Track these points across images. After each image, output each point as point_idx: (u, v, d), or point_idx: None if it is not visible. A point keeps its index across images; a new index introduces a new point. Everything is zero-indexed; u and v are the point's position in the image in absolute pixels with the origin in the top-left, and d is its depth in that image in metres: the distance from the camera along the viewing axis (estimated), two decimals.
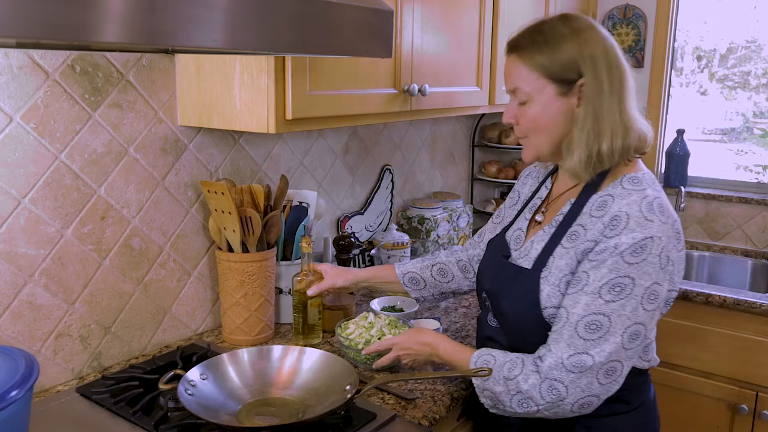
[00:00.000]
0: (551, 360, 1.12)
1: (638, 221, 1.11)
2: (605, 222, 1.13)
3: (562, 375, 1.11)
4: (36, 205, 1.33)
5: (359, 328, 1.52)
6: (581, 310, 1.11)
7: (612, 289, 1.10)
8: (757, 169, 2.87)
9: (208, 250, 1.70)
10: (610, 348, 1.10)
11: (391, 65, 1.65)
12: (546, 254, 1.21)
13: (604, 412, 1.19)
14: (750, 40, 2.82)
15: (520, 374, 1.15)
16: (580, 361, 1.10)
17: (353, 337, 1.49)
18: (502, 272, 1.30)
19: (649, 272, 1.10)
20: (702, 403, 2.27)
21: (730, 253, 2.72)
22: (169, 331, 1.64)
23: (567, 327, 1.13)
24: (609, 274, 1.10)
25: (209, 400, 1.24)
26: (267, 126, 1.39)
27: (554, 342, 1.14)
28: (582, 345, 1.11)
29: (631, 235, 1.10)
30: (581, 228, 1.17)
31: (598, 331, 1.10)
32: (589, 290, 1.12)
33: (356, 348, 1.46)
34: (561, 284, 1.17)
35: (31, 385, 0.98)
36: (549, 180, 1.38)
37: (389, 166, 2.33)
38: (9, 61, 1.26)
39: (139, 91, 1.49)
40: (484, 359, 1.22)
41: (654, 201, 1.14)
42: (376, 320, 1.55)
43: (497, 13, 2.06)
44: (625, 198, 1.14)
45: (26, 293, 1.34)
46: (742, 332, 2.17)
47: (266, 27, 0.95)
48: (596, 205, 1.17)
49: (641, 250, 1.09)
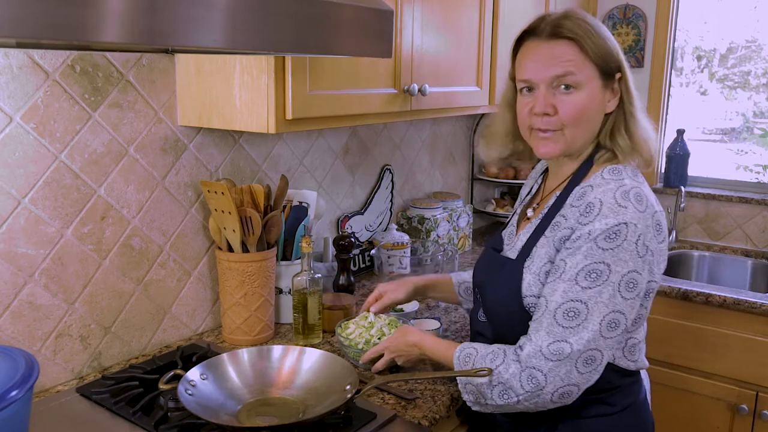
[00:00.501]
0: (530, 348, 1.12)
1: (611, 207, 1.11)
2: (581, 210, 1.14)
3: (541, 363, 1.11)
4: (36, 205, 1.33)
5: (359, 328, 1.51)
6: (559, 297, 1.12)
7: (588, 276, 1.10)
8: (757, 169, 2.87)
9: (208, 250, 1.70)
10: (588, 335, 1.10)
11: (391, 65, 1.65)
12: (530, 245, 1.22)
13: (587, 413, 1.20)
14: (750, 39, 2.82)
15: (501, 364, 1.15)
16: (559, 349, 1.10)
17: (353, 337, 1.49)
18: (491, 265, 1.32)
19: (625, 259, 1.10)
20: (702, 403, 2.27)
21: (730, 253, 2.72)
22: (169, 331, 1.64)
23: (546, 315, 1.13)
24: (584, 260, 1.11)
25: (209, 400, 1.24)
26: (267, 126, 1.39)
27: (534, 331, 1.14)
28: (561, 332, 1.11)
29: (604, 221, 1.10)
30: (562, 218, 1.18)
31: (576, 318, 1.10)
32: (566, 277, 1.12)
33: (356, 348, 1.46)
34: (541, 273, 1.18)
35: (31, 385, 0.98)
36: (541, 178, 1.39)
37: (389, 166, 2.33)
38: (9, 61, 1.26)
39: (139, 91, 1.49)
40: (466, 353, 1.22)
41: (631, 190, 1.14)
42: (376, 320, 1.53)
43: (497, 13, 2.06)
44: (602, 186, 1.15)
45: (26, 293, 1.34)
46: (742, 332, 2.17)
47: (266, 27, 0.95)
48: (577, 196, 1.18)
49: (615, 235, 1.09)
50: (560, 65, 1.16)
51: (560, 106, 1.17)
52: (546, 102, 1.18)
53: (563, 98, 1.17)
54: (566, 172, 1.26)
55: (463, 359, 1.22)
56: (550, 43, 1.17)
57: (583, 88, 1.16)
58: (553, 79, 1.17)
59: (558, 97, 1.17)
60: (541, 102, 1.18)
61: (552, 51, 1.17)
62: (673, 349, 2.30)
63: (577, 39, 1.15)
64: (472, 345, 1.24)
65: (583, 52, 1.15)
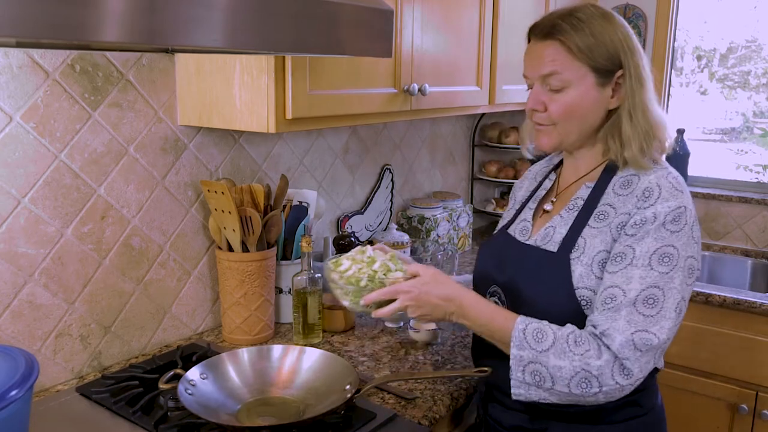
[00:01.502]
0: (621, 338, 1.06)
1: (670, 191, 1.12)
2: (637, 195, 1.14)
3: (631, 353, 1.06)
4: (36, 205, 1.33)
5: (356, 263, 1.23)
6: (637, 284, 1.08)
7: (661, 259, 1.09)
8: (757, 169, 2.87)
9: (208, 249, 1.70)
10: (669, 324, 1.07)
11: (391, 65, 1.65)
12: (573, 236, 1.18)
13: (619, 417, 1.17)
14: (750, 39, 2.82)
15: (590, 349, 1.07)
16: (647, 339, 1.06)
17: (351, 274, 1.20)
18: (521, 260, 1.25)
19: (687, 243, 1.10)
20: (702, 403, 2.27)
21: (730, 253, 2.72)
22: (169, 331, 1.64)
23: (625, 304, 1.07)
24: (655, 244, 1.09)
25: (209, 399, 1.24)
26: (267, 125, 1.39)
27: (610, 320, 1.08)
28: (642, 322, 1.07)
29: (666, 204, 1.11)
30: (609, 207, 1.17)
31: (655, 306, 1.07)
32: (640, 263, 1.09)
33: (357, 285, 1.18)
34: (594, 264, 1.14)
35: (31, 384, 0.98)
36: (553, 173, 1.37)
37: (389, 165, 2.33)
38: (9, 61, 1.26)
39: (139, 90, 1.49)
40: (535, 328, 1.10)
41: (678, 176, 1.18)
42: (376, 254, 1.25)
43: (497, 13, 2.06)
44: (651, 174, 1.16)
45: (26, 293, 1.34)
46: (742, 332, 2.17)
47: (266, 27, 0.95)
48: (619, 185, 1.19)
49: (679, 218, 1.10)
50: (543, 66, 1.18)
51: (549, 103, 1.19)
52: (536, 99, 1.21)
53: (553, 96, 1.19)
54: (585, 166, 1.26)
55: (532, 336, 1.10)
56: (540, 43, 1.20)
57: (572, 86, 1.17)
58: (542, 78, 1.19)
59: (548, 94, 1.20)
60: (531, 99, 1.22)
61: (540, 51, 1.19)
62: (673, 349, 2.29)
63: (564, 40, 1.16)
64: (540, 321, 1.12)
65: (570, 53, 1.16)
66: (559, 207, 1.28)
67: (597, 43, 1.16)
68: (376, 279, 1.18)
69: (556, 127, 1.21)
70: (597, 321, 1.10)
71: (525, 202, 1.38)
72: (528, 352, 1.09)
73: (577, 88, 1.17)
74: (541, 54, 1.19)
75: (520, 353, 1.09)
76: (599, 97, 1.19)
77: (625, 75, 1.18)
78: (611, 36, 1.17)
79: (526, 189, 1.43)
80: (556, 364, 1.07)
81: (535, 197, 1.36)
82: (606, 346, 1.07)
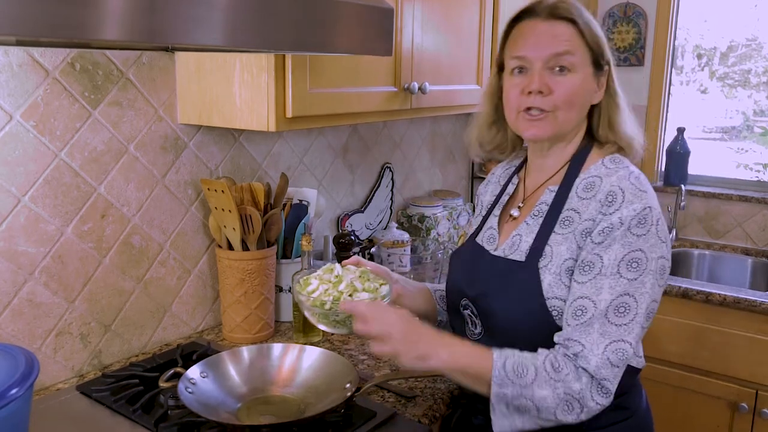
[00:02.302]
0: (596, 359, 1.04)
1: (633, 193, 1.10)
2: (600, 200, 1.11)
3: (608, 373, 1.04)
4: (36, 203, 1.33)
5: (323, 283, 1.22)
6: (607, 294, 1.06)
7: (630, 265, 1.06)
8: (757, 168, 2.87)
9: (208, 248, 1.70)
10: (639, 329, 1.06)
11: (391, 63, 1.65)
12: (540, 244, 1.16)
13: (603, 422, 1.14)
14: (750, 38, 2.82)
15: (569, 372, 1.04)
16: (622, 351, 1.04)
17: (317, 295, 1.19)
18: (490, 272, 1.21)
19: (655, 245, 1.08)
20: (702, 402, 2.27)
21: (730, 252, 2.72)
22: (169, 329, 1.64)
23: (596, 316, 1.05)
24: (622, 250, 1.07)
25: (209, 398, 1.24)
26: (267, 124, 1.39)
27: (583, 334, 1.06)
28: (615, 332, 1.05)
29: (631, 207, 1.08)
30: (573, 212, 1.15)
31: (627, 314, 1.05)
32: (608, 272, 1.07)
33: (321, 308, 1.16)
34: (562, 272, 1.12)
35: (32, 383, 0.98)
36: (516, 177, 1.33)
37: (389, 164, 2.33)
38: (9, 59, 1.26)
39: (139, 89, 1.49)
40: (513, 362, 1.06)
41: (640, 175, 1.15)
42: (344, 273, 1.23)
43: (497, 12, 2.06)
44: (613, 175, 1.14)
45: (26, 291, 1.34)
46: (742, 330, 2.17)
47: (266, 25, 0.95)
48: (582, 187, 1.16)
49: (644, 220, 1.08)
50: (561, 43, 1.14)
51: (555, 86, 1.14)
52: (541, 81, 1.15)
53: (558, 79, 1.15)
54: (552, 166, 1.23)
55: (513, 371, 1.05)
56: (550, 22, 1.16)
57: (577, 71, 1.15)
58: (550, 58, 1.14)
59: (553, 77, 1.15)
60: (536, 80, 1.15)
61: (552, 30, 1.15)
62: (672, 348, 2.30)
63: (576, 21, 1.15)
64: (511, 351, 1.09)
65: (581, 35, 1.15)
66: (525, 213, 1.24)
67: (597, 33, 1.17)
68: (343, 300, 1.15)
69: (556, 115, 1.16)
70: (570, 337, 1.07)
71: (491, 208, 1.34)
72: (511, 389, 1.05)
73: (581, 73, 1.15)
74: (552, 33, 1.15)
75: (503, 390, 1.06)
76: (593, 88, 1.19)
77: (611, 71, 1.19)
78: (599, 30, 1.19)
79: (491, 193, 1.39)
80: (540, 394, 1.04)
81: (499, 203, 1.32)
82: (583, 369, 1.05)
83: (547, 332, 1.12)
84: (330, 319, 1.17)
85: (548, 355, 1.07)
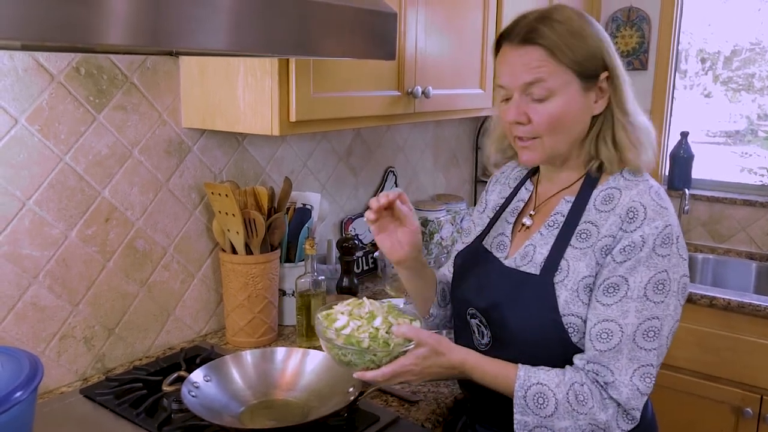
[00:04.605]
0: (627, 390, 1.04)
1: (655, 209, 1.06)
2: (620, 215, 1.07)
3: (637, 402, 1.04)
4: (40, 207, 1.34)
5: (354, 319, 1.12)
6: (634, 318, 1.04)
7: (656, 288, 1.04)
8: (761, 172, 2.86)
9: (212, 252, 1.71)
10: (663, 353, 1.06)
11: (394, 67, 1.65)
12: (555, 257, 1.11)
13: None
14: (754, 42, 2.82)
15: (594, 405, 1.04)
16: (650, 376, 1.05)
17: (349, 333, 1.09)
18: (501, 283, 1.17)
19: (677, 264, 1.06)
20: (706, 407, 2.26)
21: (734, 256, 2.71)
22: (172, 333, 1.64)
23: (624, 340, 1.04)
24: (648, 273, 1.04)
25: (212, 401, 1.24)
26: (271, 128, 1.39)
27: (612, 360, 1.05)
28: (644, 357, 1.04)
29: (653, 225, 1.05)
30: (591, 225, 1.10)
31: (656, 338, 1.05)
32: (635, 295, 1.04)
33: (359, 347, 1.07)
34: (580, 289, 1.08)
35: (36, 386, 0.98)
36: (529, 182, 1.29)
37: (392, 168, 2.33)
38: (14, 63, 1.26)
39: (143, 93, 1.49)
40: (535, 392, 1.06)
41: (660, 190, 1.11)
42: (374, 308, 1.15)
43: (500, 16, 2.06)
44: (633, 189, 1.10)
45: (30, 295, 1.34)
46: (746, 335, 2.16)
47: (270, 29, 0.95)
48: (600, 200, 1.12)
49: (668, 239, 1.05)
50: (530, 72, 1.08)
51: (533, 114, 1.10)
52: (518, 110, 1.11)
53: (536, 107, 1.09)
54: (568, 176, 1.19)
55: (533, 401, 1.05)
56: (521, 49, 1.10)
57: (557, 95, 1.08)
58: (524, 87, 1.10)
59: (531, 105, 1.10)
60: (512, 110, 1.11)
61: (522, 58, 1.09)
62: (677, 352, 2.29)
63: (547, 45, 1.07)
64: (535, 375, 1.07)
65: (555, 58, 1.07)
66: (538, 222, 1.20)
67: (580, 45, 1.08)
68: (379, 338, 1.08)
69: (542, 141, 1.12)
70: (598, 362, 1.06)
71: (500, 211, 1.30)
72: (532, 418, 1.06)
73: (562, 96, 1.08)
74: (521, 61, 1.09)
75: (525, 419, 1.07)
76: (585, 104, 1.11)
77: (611, 77, 1.11)
78: (592, 36, 1.10)
79: (498, 193, 1.35)
80: (561, 426, 1.05)
81: (511, 209, 1.27)
82: (611, 398, 1.05)
83: (560, 347, 1.10)
84: (365, 359, 1.08)
85: (574, 383, 1.05)
